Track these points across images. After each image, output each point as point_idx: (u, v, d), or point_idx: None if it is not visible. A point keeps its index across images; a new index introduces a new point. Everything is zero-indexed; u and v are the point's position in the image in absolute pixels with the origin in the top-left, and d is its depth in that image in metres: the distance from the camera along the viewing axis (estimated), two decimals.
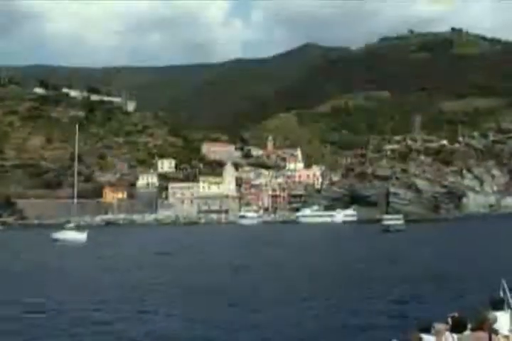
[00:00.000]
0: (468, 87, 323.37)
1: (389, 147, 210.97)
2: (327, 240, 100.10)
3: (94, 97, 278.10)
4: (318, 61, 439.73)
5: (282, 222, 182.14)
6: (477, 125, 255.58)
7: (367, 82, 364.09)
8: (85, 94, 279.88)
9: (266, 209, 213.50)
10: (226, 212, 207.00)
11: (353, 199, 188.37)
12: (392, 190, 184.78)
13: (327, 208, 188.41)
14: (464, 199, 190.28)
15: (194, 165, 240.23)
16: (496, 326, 10.60)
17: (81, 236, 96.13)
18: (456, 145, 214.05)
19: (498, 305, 11.77)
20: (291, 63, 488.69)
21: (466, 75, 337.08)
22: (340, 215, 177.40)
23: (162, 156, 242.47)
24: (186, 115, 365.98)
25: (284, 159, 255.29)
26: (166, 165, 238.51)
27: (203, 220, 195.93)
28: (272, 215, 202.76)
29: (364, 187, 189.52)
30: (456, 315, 11.28)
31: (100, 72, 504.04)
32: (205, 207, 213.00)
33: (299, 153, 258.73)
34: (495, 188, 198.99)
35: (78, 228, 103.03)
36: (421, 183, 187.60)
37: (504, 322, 11.26)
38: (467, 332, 10.62)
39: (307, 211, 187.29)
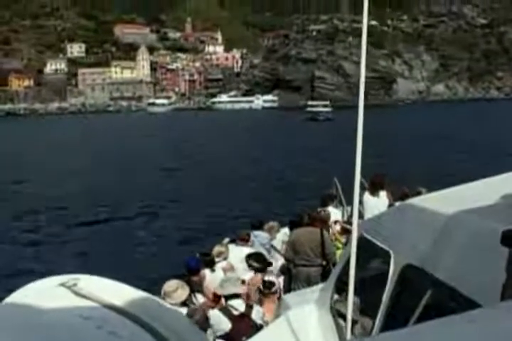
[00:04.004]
0: None
1: (314, 27, 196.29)
2: (241, 129, 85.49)
3: None
4: None
5: (197, 109, 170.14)
6: (407, 8, 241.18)
7: None
8: None
9: (183, 95, 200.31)
10: (139, 98, 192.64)
11: (274, 84, 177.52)
12: (317, 73, 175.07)
13: (246, 94, 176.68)
14: (394, 85, 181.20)
15: (106, 49, 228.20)
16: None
17: None
18: (385, 28, 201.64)
19: (328, 201, 11.82)
20: None
21: None
22: (260, 101, 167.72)
23: (72, 40, 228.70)
24: None
25: (203, 42, 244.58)
26: (76, 50, 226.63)
27: (111, 108, 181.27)
28: (186, 102, 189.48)
29: (287, 70, 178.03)
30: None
31: None
32: (117, 94, 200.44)
33: (219, 35, 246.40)
34: (424, 74, 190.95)
35: None
36: (349, 67, 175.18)
37: (334, 216, 11.09)
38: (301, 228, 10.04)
39: (224, 97, 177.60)
